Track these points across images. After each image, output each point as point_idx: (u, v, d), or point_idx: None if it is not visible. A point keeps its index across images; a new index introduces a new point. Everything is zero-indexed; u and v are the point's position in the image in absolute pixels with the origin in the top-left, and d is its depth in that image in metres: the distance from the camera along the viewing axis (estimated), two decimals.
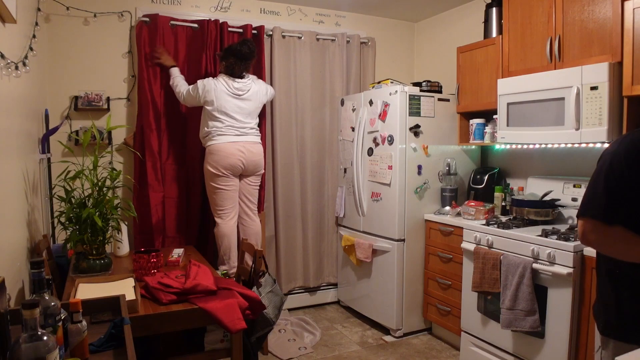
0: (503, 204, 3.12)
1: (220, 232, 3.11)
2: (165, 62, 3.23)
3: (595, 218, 1.39)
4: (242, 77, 3.18)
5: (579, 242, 2.28)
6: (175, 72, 3.22)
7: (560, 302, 2.31)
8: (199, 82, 3.10)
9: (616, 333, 1.43)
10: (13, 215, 2.02)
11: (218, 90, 3.07)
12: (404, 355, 3.06)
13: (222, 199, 3.12)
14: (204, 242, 3.50)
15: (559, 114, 2.50)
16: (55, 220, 2.71)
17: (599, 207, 1.38)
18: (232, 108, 3.10)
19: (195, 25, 3.36)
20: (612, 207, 1.36)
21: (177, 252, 2.88)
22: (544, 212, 2.74)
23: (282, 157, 3.72)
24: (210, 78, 3.13)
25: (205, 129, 3.11)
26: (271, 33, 3.65)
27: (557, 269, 2.29)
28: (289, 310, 3.79)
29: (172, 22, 3.32)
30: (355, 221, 3.68)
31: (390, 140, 3.26)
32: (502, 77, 2.92)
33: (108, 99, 3.27)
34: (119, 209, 2.57)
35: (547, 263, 2.35)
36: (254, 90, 3.21)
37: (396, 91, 3.21)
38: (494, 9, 3.14)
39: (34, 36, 2.48)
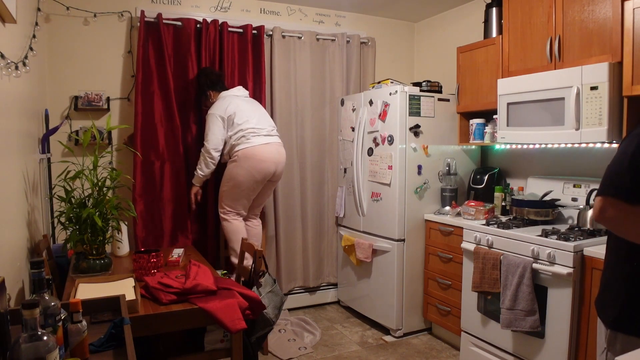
0: (503, 204, 3.12)
1: (234, 227, 3.10)
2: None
3: (616, 197, 1.37)
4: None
5: (579, 242, 2.28)
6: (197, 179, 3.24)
7: (560, 302, 2.31)
8: (212, 113, 3.10)
9: (627, 327, 1.43)
10: (13, 215, 2.02)
11: (230, 98, 3.12)
12: (404, 355, 3.06)
13: (242, 204, 3.09)
14: (204, 242, 3.50)
15: (559, 114, 2.50)
16: (55, 220, 2.71)
17: (622, 186, 1.36)
18: (251, 112, 3.12)
19: (196, 25, 3.36)
20: (635, 186, 1.34)
21: (177, 252, 2.88)
22: (544, 212, 2.75)
23: None
24: (218, 102, 3.16)
25: (231, 142, 3.08)
26: (271, 33, 3.65)
27: (557, 269, 2.29)
28: (289, 310, 3.79)
29: (172, 22, 3.32)
30: (355, 221, 3.68)
31: (390, 140, 3.26)
32: (502, 77, 2.92)
33: (108, 99, 3.27)
34: (119, 209, 2.57)
35: (547, 263, 2.35)
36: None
37: (396, 91, 3.21)
38: (494, 9, 3.14)
39: (34, 36, 2.48)
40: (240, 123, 3.06)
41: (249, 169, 3.01)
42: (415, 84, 3.45)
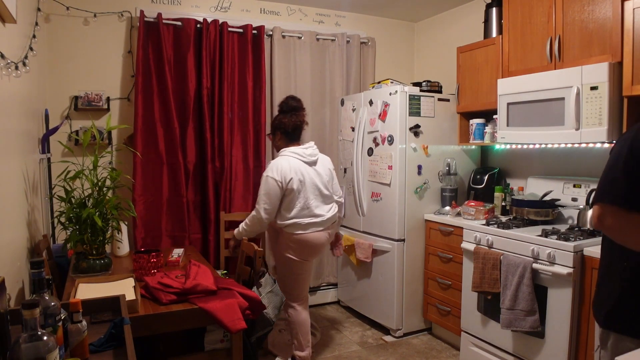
0: (503, 204, 3.12)
1: (301, 318, 2.77)
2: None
3: (613, 204, 1.35)
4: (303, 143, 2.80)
5: (579, 242, 2.28)
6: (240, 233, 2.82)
7: (560, 302, 2.31)
8: (268, 175, 2.60)
9: (618, 326, 1.43)
10: (13, 215, 2.02)
11: (294, 166, 2.62)
12: (404, 355, 3.06)
13: (301, 287, 2.78)
14: (204, 242, 3.50)
15: (559, 114, 2.50)
16: (55, 220, 2.71)
17: (618, 193, 1.35)
18: (314, 184, 2.68)
19: (196, 25, 3.36)
20: (631, 192, 1.33)
21: (177, 252, 2.88)
22: (544, 212, 2.75)
23: None
24: (275, 161, 2.68)
25: (287, 217, 2.64)
26: (271, 33, 3.65)
27: (557, 269, 2.29)
28: None
29: (172, 22, 3.32)
30: (355, 221, 3.68)
31: (390, 140, 3.26)
32: (502, 77, 2.92)
33: (108, 99, 3.27)
34: (118, 209, 2.57)
35: (547, 263, 2.35)
36: (320, 157, 2.82)
37: (396, 91, 3.21)
38: (494, 9, 3.14)
39: (34, 36, 2.48)
40: (299, 206, 2.63)
41: (300, 253, 2.69)
42: (415, 84, 3.45)
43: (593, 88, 2.33)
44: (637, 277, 1.40)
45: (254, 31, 3.55)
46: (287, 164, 2.62)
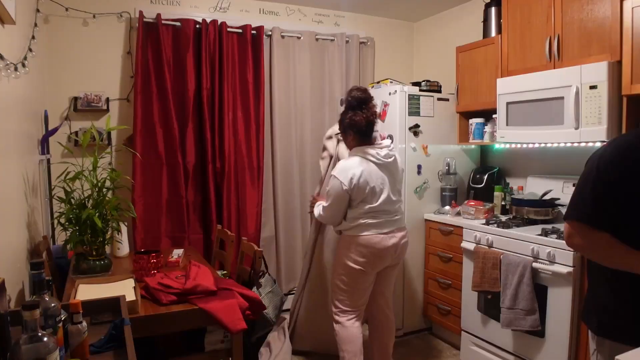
0: (503, 203, 3.12)
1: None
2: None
3: (581, 221, 1.39)
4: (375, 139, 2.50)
5: None
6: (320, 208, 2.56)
7: (560, 301, 2.31)
8: (337, 175, 2.35)
9: (612, 334, 1.41)
10: (13, 217, 2.02)
11: (366, 172, 2.34)
12: (404, 355, 3.06)
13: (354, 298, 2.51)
14: (204, 243, 3.50)
15: (558, 113, 2.51)
16: (55, 221, 2.71)
17: (585, 211, 1.37)
18: (382, 189, 2.39)
19: (195, 25, 3.36)
20: (599, 211, 1.35)
21: (177, 253, 2.88)
22: (543, 211, 2.75)
23: (281, 157, 3.72)
24: (349, 161, 2.40)
25: (346, 221, 2.44)
26: (270, 33, 3.65)
27: (557, 268, 2.29)
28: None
29: (171, 22, 3.32)
30: None
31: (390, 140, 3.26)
32: (501, 77, 2.92)
33: (107, 100, 3.27)
34: (118, 209, 2.56)
35: (547, 262, 2.35)
36: (396, 158, 2.51)
37: (395, 91, 3.21)
38: (493, 9, 3.14)
39: (33, 37, 2.48)
40: (362, 211, 2.39)
41: (359, 259, 2.44)
42: (415, 84, 3.45)
43: (592, 87, 2.33)
44: (625, 282, 1.38)
45: (253, 31, 3.55)
46: (358, 171, 2.33)
